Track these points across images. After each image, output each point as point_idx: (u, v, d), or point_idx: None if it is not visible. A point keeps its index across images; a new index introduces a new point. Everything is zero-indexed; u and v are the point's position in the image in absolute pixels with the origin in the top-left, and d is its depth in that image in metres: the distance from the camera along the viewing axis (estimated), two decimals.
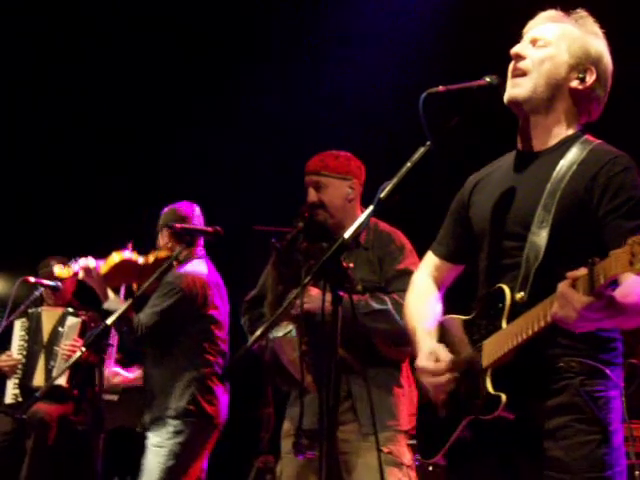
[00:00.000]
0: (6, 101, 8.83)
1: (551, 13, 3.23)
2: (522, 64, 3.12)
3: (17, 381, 7.07)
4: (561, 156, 3.06)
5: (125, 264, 5.75)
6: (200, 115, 8.68)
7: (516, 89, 3.11)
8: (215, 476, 6.18)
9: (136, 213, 6.21)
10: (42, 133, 9.08)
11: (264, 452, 7.56)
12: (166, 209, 6.07)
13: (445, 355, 3.09)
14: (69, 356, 6.69)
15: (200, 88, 8.76)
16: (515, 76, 3.13)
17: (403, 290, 4.26)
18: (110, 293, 5.73)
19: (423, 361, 3.13)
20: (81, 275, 5.78)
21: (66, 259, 7.13)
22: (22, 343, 7.20)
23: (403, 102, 4.21)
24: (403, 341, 4.25)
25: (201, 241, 5.97)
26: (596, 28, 3.20)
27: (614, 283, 2.63)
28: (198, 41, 8.78)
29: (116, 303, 5.59)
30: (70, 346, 6.83)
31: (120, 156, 8.87)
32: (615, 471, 2.90)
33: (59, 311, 7.20)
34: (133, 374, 6.54)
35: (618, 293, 2.63)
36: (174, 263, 5.61)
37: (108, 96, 8.84)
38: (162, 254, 5.80)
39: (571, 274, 2.62)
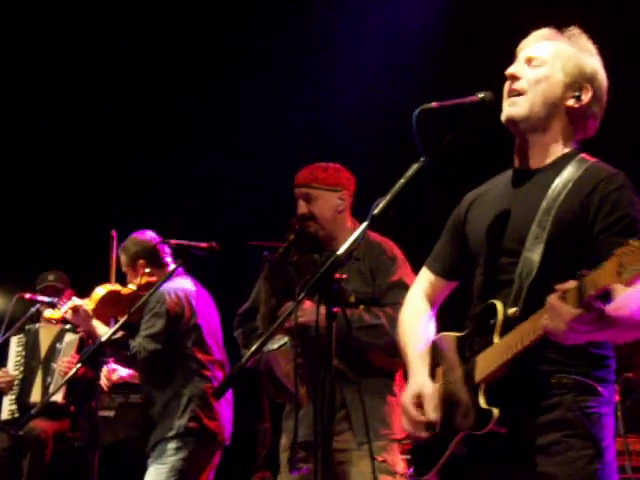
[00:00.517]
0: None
1: (545, 32, 3.24)
2: (518, 85, 3.14)
3: (14, 397, 7.06)
4: (557, 174, 3.08)
5: (109, 296, 5.79)
6: (192, 131, 8.68)
7: (513, 108, 3.13)
8: None
9: (133, 228, 6.20)
10: (39, 148, 9.08)
11: (261, 468, 7.53)
12: (124, 244, 6.07)
13: (430, 395, 3.10)
14: (66, 373, 6.67)
15: (192, 104, 8.76)
16: (511, 96, 3.14)
17: (397, 303, 4.29)
18: (99, 326, 5.73)
19: (408, 399, 3.15)
20: (69, 316, 5.80)
21: (64, 273, 7.16)
22: (19, 359, 7.19)
23: (397, 116, 4.21)
24: (396, 353, 4.26)
25: (171, 260, 5.98)
26: (590, 45, 3.22)
27: (607, 298, 2.63)
28: (189, 54, 8.78)
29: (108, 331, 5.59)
30: (68, 363, 6.82)
31: (115, 173, 8.87)
32: None
33: (57, 328, 7.20)
34: (129, 371, 6.51)
35: (611, 306, 2.63)
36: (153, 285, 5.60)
37: (96, 114, 8.85)
38: (143, 281, 5.82)
39: (561, 286, 2.64)
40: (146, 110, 8.79)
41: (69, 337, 7.06)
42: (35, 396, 6.97)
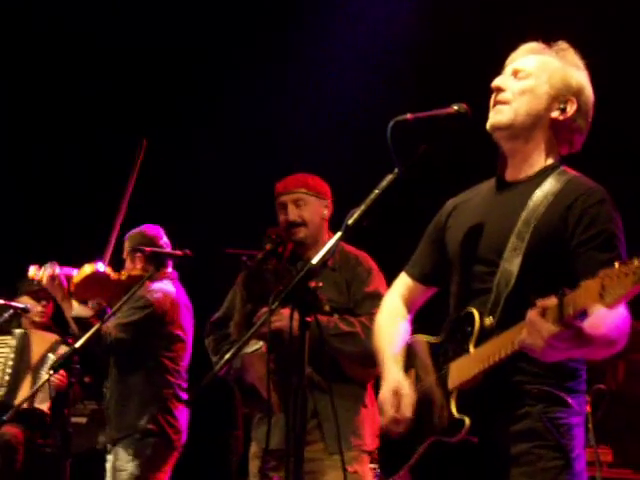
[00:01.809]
0: None
1: (532, 45, 3.26)
2: (502, 96, 3.15)
3: None
4: (537, 186, 3.09)
5: (97, 276, 5.68)
6: (171, 135, 8.66)
7: (498, 116, 3.15)
8: None
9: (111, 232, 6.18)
10: (22, 150, 9.05)
11: (233, 476, 7.53)
12: (132, 232, 6.06)
13: (407, 391, 3.12)
14: (59, 385, 6.58)
15: (173, 106, 8.76)
16: (495, 105, 3.16)
17: (371, 313, 4.30)
18: (74, 302, 5.66)
19: (385, 394, 3.16)
20: (45, 282, 5.71)
21: None
22: (1, 360, 7.14)
23: (372, 127, 4.23)
24: (370, 363, 4.27)
25: (170, 262, 5.97)
26: (577, 60, 3.23)
27: (583, 314, 2.64)
28: (175, 56, 8.79)
29: (83, 310, 5.55)
30: (61, 376, 6.72)
31: (95, 178, 8.84)
32: None
33: (51, 338, 7.15)
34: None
35: (587, 324, 2.64)
36: (146, 283, 5.61)
37: (81, 112, 8.83)
38: (134, 272, 5.79)
39: (541, 303, 2.65)
40: (124, 105, 8.77)
41: (63, 349, 6.99)
42: (20, 400, 6.89)
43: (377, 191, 3.03)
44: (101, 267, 5.75)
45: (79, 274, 5.68)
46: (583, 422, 3.05)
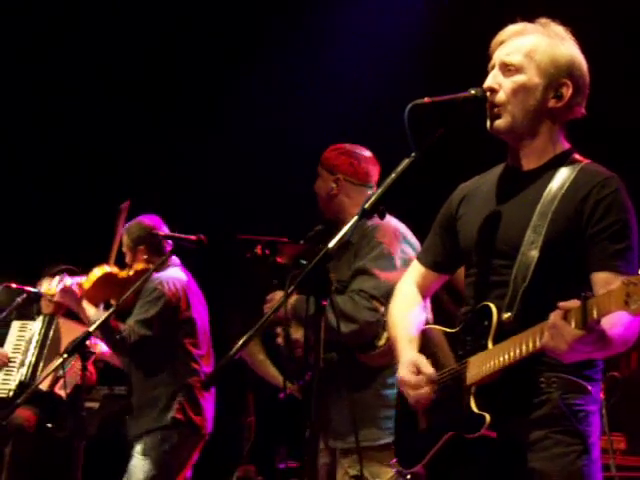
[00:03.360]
0: None
1: (515, 27, 3.20)
2: (497, 98, 3.11)
3: (16, 378, 6.98)
4: (551, 176, 3.08)
5: (106, 277, 5.77)
6: (182, 124, 8.66)
7: (496, 121, 3.12)
8: None
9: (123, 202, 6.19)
10: (28, 144, 9.04)
11: (245, 462, 7.54)
12: (129, 225, 6.05)
13: (426, 367, 3.11)
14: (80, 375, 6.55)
15: (182, 94, 8.75)
16: (492, 109, 3.12)
17: (353, 290, 4.34)
18: (90, 308, 5.72)
19: (403, 371, 3.15)
20: (58, 297, 5.77)
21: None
22: (20, 344, 7.14)
23: (389, 111, 4.21)
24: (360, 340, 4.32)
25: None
26: (561, 30, 3.18)
27: None
28: (184, 47, 8.77)
29: (101, 314, 5.60)
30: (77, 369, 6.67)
31: (101, 165, 8.85)
32: None
33: (80, 328, 7.12)
34: None
35: (606, 326, 2.65)
36: (153, 273, 5.62)
37: (91, 109, 8.82)
38: (140, 267, 5.82)
39: (563, 305, 2.65)
40: (133, 96, 8.76)
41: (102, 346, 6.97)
42: (43, 384, 6.87)
43: (394, 175, 3.02)
44: (107, 268, 5.78)
45: (88, 279, 5.75)
46: (599, 410, 3.05)
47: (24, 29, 8.75)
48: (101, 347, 6.37)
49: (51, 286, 5.87)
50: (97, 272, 5.78)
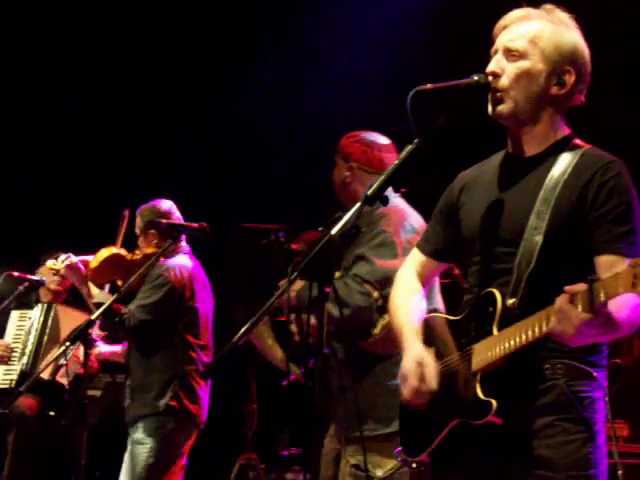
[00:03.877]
0: None
1: (520, 12, 3.19)
2: (500, 83, 3.09)
3: (18, 368, 6.99)
4: (552, 162, 3.07)
5: (114, 259, 5.77)
6: (187, 113, 8.66)
7: (498, 106, 3.10)
8: (198, 473, 6.18)
9: (123, 210, 6.20)
10: (31, 132, 9.05)
11: (247, 449, 7.55)
12: (143, 207, 6.05)
13: (431, 362, 3.10)
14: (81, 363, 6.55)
15: (186, 88, 8.75)
16: (495, 93, 3.11)
17: (355, 274, 4.32)
18: (94, 288, 5.73)
19: (408, 365, 3.13)
20: (64, 272, 5.79)
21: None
22: (19, 333, 7.14)
23: (391, 97, 4.20)
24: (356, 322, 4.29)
25: (184, 236, 5.95)
26: (565, 17, 3.17)
27: None
28: (186, 44, 8.77)
29: (105, 296, 5.61)
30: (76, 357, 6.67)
31: (105, 154, 8.85)
32: (599, 470, 2.93)
33: (80, 316, 7.09)
34: (110, 349, 6.48)
35: (613, 309, 2.64)
36: (160, 258, 5.62)
37: (95, 96, 8.82)
38: (149, 250, 5.82)
39: (569, 289, 2.64)
40: (137, 90, 8.76)
41: (96, 331, 6.98)
42: (44, 372, 6.87)
43: (397, 162, 3.02)
44: (115, 249, 5.78)
45: (96, 259, 5.75)
46: (604, 396, 3.05)
47: (24, 29, 8.75)
48: (99, 348, 6.37)
49: (57, 262, 5.86)
50: (105, 252, 5.78)
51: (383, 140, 4.80)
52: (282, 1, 8.55)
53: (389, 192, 4.55)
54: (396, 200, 4.53)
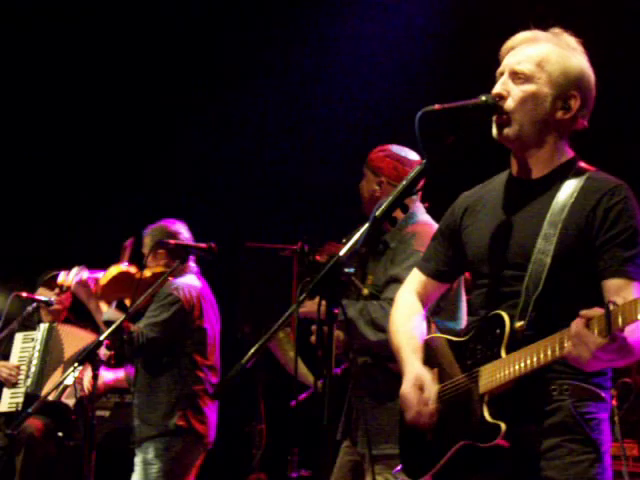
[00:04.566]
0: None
1: (527, 35, 3.20)
2: (505, 106, 3.09)
3: (22, 390, 6.98)
4: (559, 186, 3.08)
5: (123, 276, 5.77)
6: (190, 132, 8.68)
7: (504, 129, 3.11)
8: None
9: (131, 230, 6.21)
10: (40, 148, 9.06)
11: (256, 470, 7.53)
12: (152, 227, 6.06)
13: (431, 383, 3.11)
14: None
15: (190, 104, 8.76)
16: (500, 115, 3.11)
17: (387, 299, 4.26)
18: (103, 305, 5.73)
19: (408, 387, 3.14)
20: (73, 288, 5.78)
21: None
22: (24, 355, 7.14)
23: (400, 118, 4.21)
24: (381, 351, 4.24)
25: (193, 257, 5.97)
26: (573, 41, 3.19)
27: None
28: (186, 55, 8.79)
29: (114, 314, 5.61)
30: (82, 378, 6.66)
31: (113, 173, 8.86)
32: None
33: (88, 336, 7.05)
34: (114, 375, 6.47)
35: (625, 332, 2.64)
36: (169, 278, 5.63)
37: (101, 112, 8.84)
38: (158, 269, 5.82)
39: (585, 313, 2.65)
40: (142, 105, 8.78)
41: (103, 350, 6.93)
42: (46, 392, 6.85)
43: (405, 182, 3.01)
44: (125, 267, 5.78)
45: (105, 276, 5.75)
46: (610, 417, 3.04)
47: (24, 29, 8.77)
48: (103, 379, 6.35)
49: (68, 277, 5.86)
50: (114, 270, 5.79)
51: (413, 156, 4.77)
52: (282, 17, 8.56)
53: (418, 208, 4.66)
54: (424, 217, 4.56)
